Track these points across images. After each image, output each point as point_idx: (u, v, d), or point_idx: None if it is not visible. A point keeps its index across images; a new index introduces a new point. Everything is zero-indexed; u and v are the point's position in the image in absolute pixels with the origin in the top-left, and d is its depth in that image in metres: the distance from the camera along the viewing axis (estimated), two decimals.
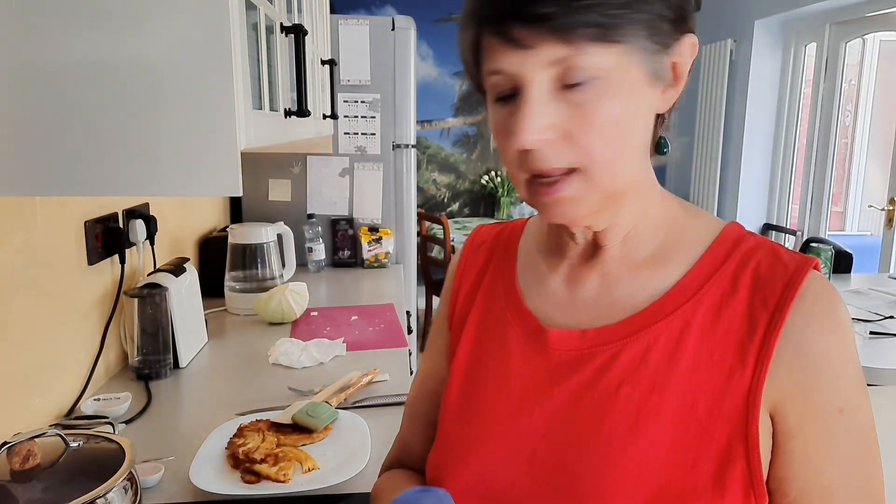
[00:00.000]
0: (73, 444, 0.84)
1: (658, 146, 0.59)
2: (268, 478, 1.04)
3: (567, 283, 0.63)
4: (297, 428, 1.19)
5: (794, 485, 0.54)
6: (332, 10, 2.22)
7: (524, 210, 5.11)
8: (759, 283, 0.55)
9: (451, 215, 5.17)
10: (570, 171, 0.53)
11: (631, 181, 0.56)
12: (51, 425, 1.18)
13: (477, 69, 0.56)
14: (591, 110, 0.51)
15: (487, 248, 0.72)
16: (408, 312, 2.26)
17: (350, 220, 2.64)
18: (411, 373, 1.67)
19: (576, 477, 0.56)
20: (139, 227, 1.63)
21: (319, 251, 2.55)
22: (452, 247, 4.06)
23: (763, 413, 0.53)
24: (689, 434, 0.53)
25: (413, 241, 2.78)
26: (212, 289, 2.06)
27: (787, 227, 4.11)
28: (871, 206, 3.90)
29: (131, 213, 1.63)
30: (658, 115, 0.58)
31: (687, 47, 0.55)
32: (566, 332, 0.61)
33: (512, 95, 0.53)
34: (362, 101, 2.60)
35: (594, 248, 0.62)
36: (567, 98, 0.51)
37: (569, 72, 0.50)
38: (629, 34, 0.50)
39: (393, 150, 2.65)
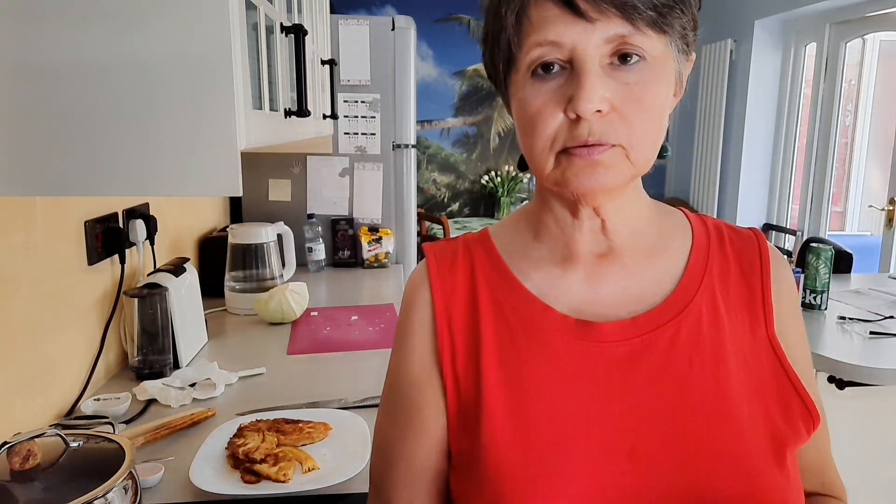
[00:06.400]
0: (73, 444, 0.83)
1: (662, 149, 0.61)
2: (268, 478, 1.04)
3: (588, 280, 0.64)
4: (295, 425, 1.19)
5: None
6: (332, 10, 2.22)
7: None
8: (738, 254, 0.66)
9: (451, 215, 5.16)
10: (611, 146, 0.55)
11: (649, 166, 0.58)
12: (51, 425, 1.18)
13: (511, 41, 0.56)
14: (640, 91, 0.53)
15: (463, 277, 0.66)
16: None
17: (350, 220, 2.64)
18: None
19: (695, 451, 0.57)
20: (139, 227, 1.63)
21: (319, 251, 2.54)
22: None
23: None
24: (752, 385, 0.60)
25: (413, 241, 2.78)
26: (212, 289, 2.05)
27: (787, 227, 4.11)
28: (871, 206, 3.90)
29: (131, 213, 1.63)
30: None
31: (691, 63, 0.60)
32: (616, 322, 0.61)
33: (552, 69, 0.54)
34: (362, 101, 2.60)
35: (607, 247, 0.64)
36: (615, 76, 0.53)
37: (622, 50, 0.53)
38: (673, 29, 0.54)
39: (393, 150, 2.65)
